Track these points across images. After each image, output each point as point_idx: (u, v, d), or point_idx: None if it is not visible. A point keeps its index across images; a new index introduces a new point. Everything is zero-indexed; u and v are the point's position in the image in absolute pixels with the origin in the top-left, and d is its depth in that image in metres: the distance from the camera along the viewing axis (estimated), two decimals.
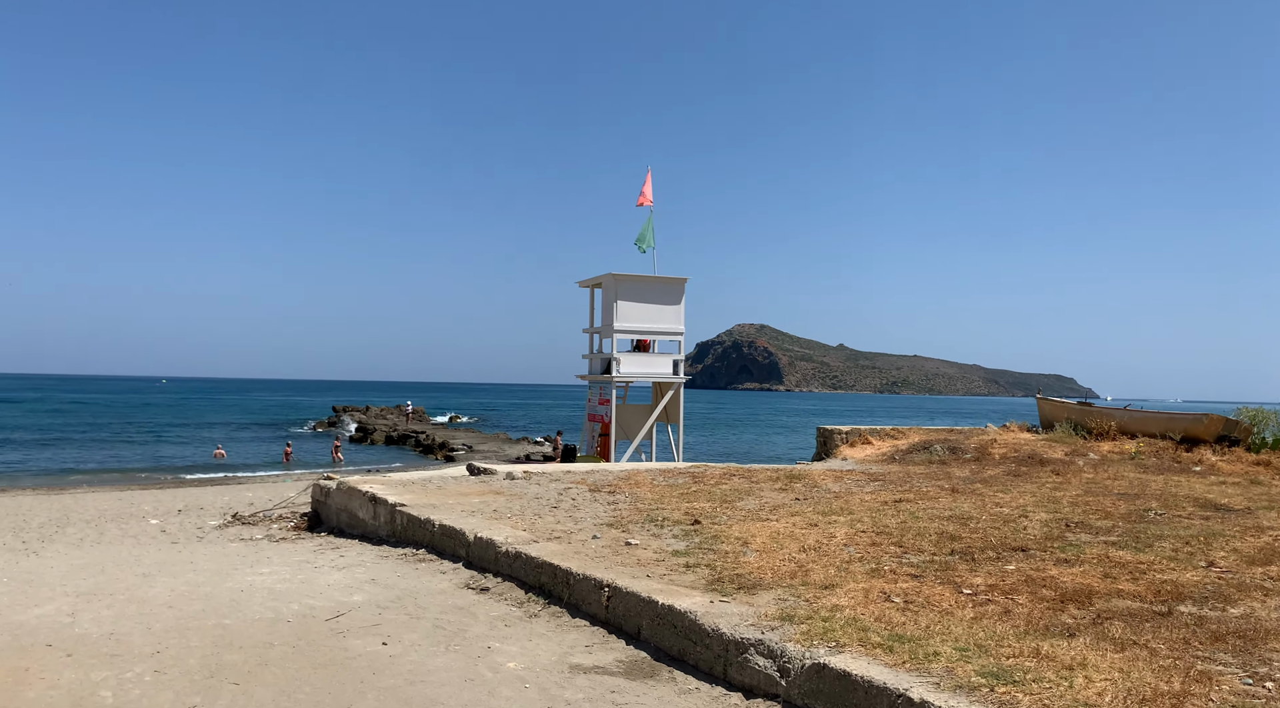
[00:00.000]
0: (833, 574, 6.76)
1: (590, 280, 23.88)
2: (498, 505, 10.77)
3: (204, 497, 22.26)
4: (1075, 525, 8.66)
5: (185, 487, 29.23)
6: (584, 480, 12.78)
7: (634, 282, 22.43)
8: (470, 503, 11.02)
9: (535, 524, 9.49)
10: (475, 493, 11.81)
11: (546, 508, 10.57)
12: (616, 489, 11.87)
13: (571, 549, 8.03)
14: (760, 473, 13.18)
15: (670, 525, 9.06)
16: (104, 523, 15.37)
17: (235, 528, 13.89)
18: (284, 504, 16.28)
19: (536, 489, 12.09)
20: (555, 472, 13.88)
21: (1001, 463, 14.51)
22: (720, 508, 10.20)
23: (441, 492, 11.97)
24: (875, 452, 16.42)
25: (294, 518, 14.50)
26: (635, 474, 13.26)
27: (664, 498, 11.03)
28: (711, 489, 11.73)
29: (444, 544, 9.50)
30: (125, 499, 22.12)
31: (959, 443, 15.91)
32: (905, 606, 5.76)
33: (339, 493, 13.03)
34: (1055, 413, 17.23)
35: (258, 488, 25.83)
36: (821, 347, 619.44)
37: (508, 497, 11.46)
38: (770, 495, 11.27)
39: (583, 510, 10.35)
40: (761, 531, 8.58)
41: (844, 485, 12.15)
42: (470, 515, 10.10)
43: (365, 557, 9.73)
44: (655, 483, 12.43)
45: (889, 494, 11.15)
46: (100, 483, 33.31)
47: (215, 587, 8.02)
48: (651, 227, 23.48)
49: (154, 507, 18.86)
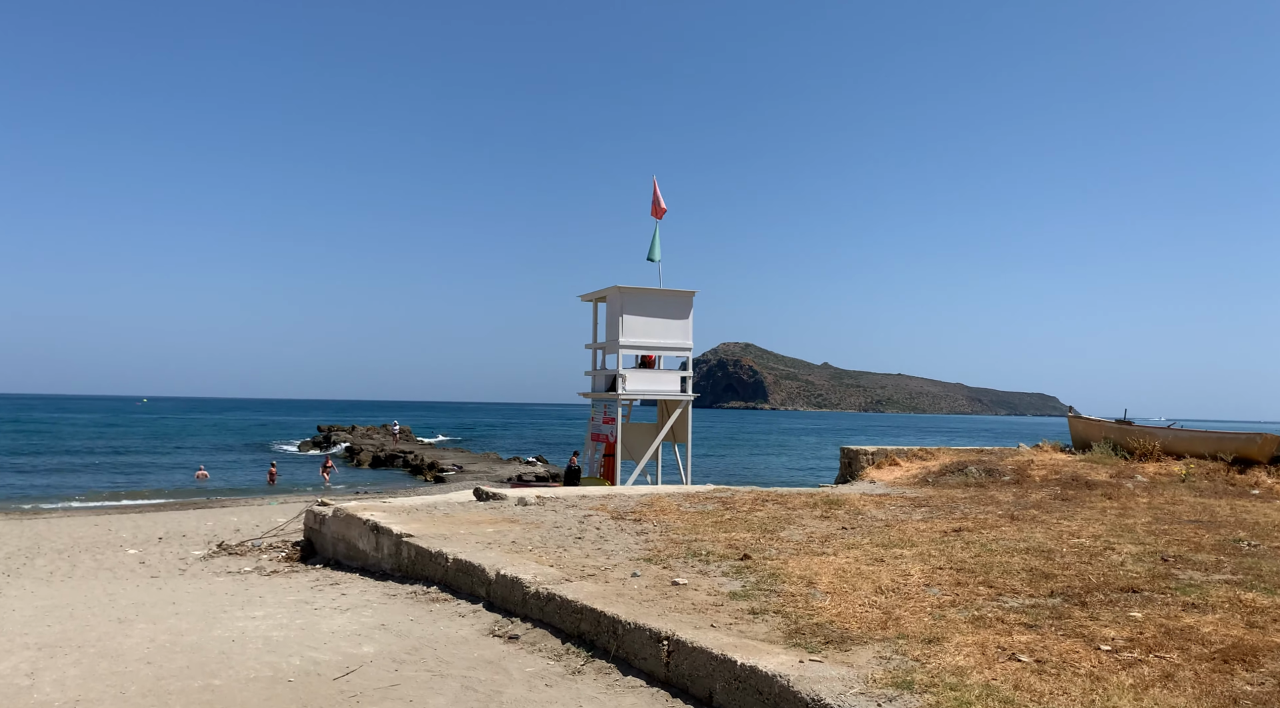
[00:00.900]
0: (929, 623, 5.79)
1: (593, 294, 22.91)
2: (515, 536, 9.76)
3: (186, 522, 21.05)
4: (1174, 560, 7.74)
5: (166, 511, 27.92)
6: (603, 506, 11.77)
7: (640, 295, 21.49)
8: (484, 533, 9.99)
9: (562, 558, 8.48)
10: (488, 521, 10.79)
11: (570, 539, 9.56)
12: (642, 517, 10.87)
13: (611, 590, 7.03)
14: (794, 498, 12.20)
15: (716, 561, 8.07)
16: (77, 553, 14.20)
17: (221, 559, 12.78)
18: (274, 532, 15.17)
19: (554, 517, 11.07)
20: (570, 497, 12.87)
21: (1044, 486, 13.61)
22: (764, 539, 9.22)
23: (450, 520, 10.94)
24: (904, 474, 15.49)
25: (285, 548, 13.40)
26: (658, 500, 12.26)
27: (697, 527, 10.04)
28: (746, 517, 10.75)
29: (460, 581, 8.47)
30: (102, 525, 20.88)
31: (993, 464, 15.02)
32: (1039, 667, 4.80)
33: (336, 521, 11.96)
34: (1090, 432, 16.38)
35: (243, 512, 24.61)
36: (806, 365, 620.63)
37: (524, 525, 10.44)
38: (813, 524, 10.30)
39: (611, 542, 9.34)
40: (823, 568, 7.60)
41: (889, 512, 11.20)
42: (487, 548, 9.07)
43: (370, 595, 8.68)
44: (682, 510, 11.44)
45: (943, 522, 10.20)
46: (76, 507, 31.93)
47: (202, 635, 6.96)
48: (658, 238, 22.59)
49: (132, 534, 17.66)
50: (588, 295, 23.38)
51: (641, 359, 22.49)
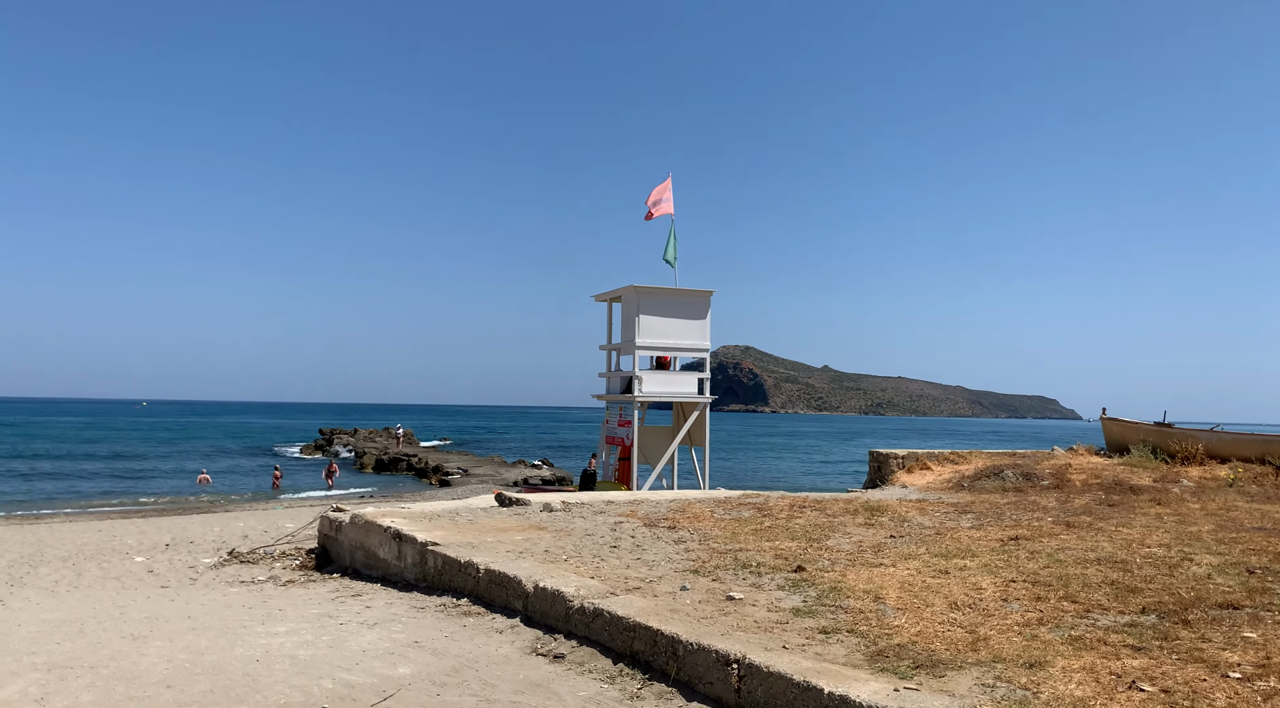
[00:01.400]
0: (1023, 644, 5.30)
1: (608, 294, 22.41)
2: (547, 544, 9.26)
3: (192, 528, 20.55)
4: (1262, 571, 7.24)
5: (170, 516, 27.41)
6: (633, 513, 11.28)
7: (657, 294, 20.99)
8: (513, 541, 9.50)
9: (601, 569, 7.99)
10: (515, 529, 10.29)
11: (605, 548, 9.07)
12: (676, 524, 10.38)
13: (663, 605, 6.54)
14: (832, 505, 11.71)
15: (768, 573, 7.58)
16: (83, 561, 13.69)
17: (233, 567, 12.29)
18: (285, 539, 14.67)
19: (583, 524, 10.58)
20: (596, 503, 12.38)
21: (1086, 491, 13.12)
22: (812, 549, 8.73)
23: (474, 527, 10.44)
24: (936, 478, 15.00)
25: (299, 555, 12.90)
26: (689, 506, 11.77)
27: (737, 536, 9.55)
28: (787, 525, 10.25)
29: (493, 594, 7.98)
30: (106, 531, 20.37)
31: (1029, 468, 14.52)
32: (1168, 698, 4.30)
33: (353, 528, 11.47)
34: (1127, 435, 15.89)
35: (249, 517, 24.10)
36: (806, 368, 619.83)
37: (554, 533, 9.95)
38: (858, 532, 9.81)
39: (650, 551, 8.85)
40: (886, 580, 7.11)
41: (935, 519, 10.71)
42: (519, 557, 8.58)
43: (397, 609, 8.19)
44: (717, 517, 10.95)
45: (996, 530, 9.71)
46: (78, 512, 31.41)
47: (223, 654, 6.46)
48: (674, 237, 22.10)
49: (138, 540, 17.16)
50: (602, 295, 22.88)
51: (657, 361, 22.00)
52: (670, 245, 21.97)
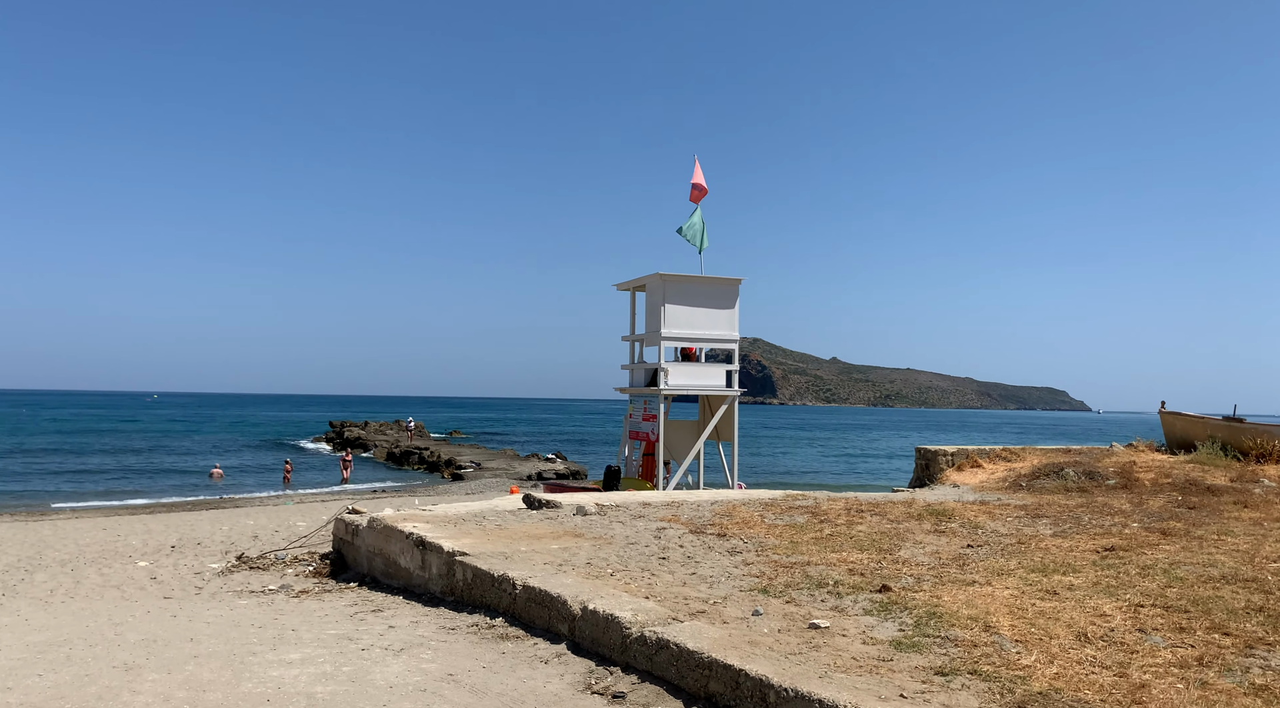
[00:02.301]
0: (1197, 696, 4.35)
1: (631, 282, 21.48)
2: (587, 554, 8.36)
3: (200, 526, 19.75)
4: None
5: (178, 512, 26.68)
6: (675, 517, 10.36)
7: (684, 283, 20.05)
8: (549, 550, 8.60)
9: (654, 586, 7.08)
10: (549, 535, 9.39)
11: (654, 560, 8.15)
12: (725, 531, 9.46)
13: (737, 635, 5.62)
14: (891, 508, 10.77)
15: (848, 593, 6.65)
16: (82, 566, 12.86)
17: (241, 574, 11.42)
18: (298, 542, 13.81)
19: (623, 530, 9.67)
20: (632, 505, 11.47)
21: (1159, 491, 12.14)
22: (886, 562, 7.80)
23: (504, 533, 9.54)
24: (989, 476, 14.04)
25: (312, 560, 12.03)
26: (735, 509, 10.85)
27: (797, 545, 8.62)
28: (849, 532, 9.31)
29: (533, 614, 7.08)
30: (111, 530, 19.59)
31: (1090, 466, 13.55)
32: None
33: (371, 533, 10.59)
34: (1193, 430, 14.90)
35: (259, 515, 23.30)
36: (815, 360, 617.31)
37: (593, 541, 9.04)
38: (931, 541, 8.87)
39: (704, 564, 7.93)
40: (988, 603, 6.17)
41: (1008, 525, 9.76)
42: (559, 571, 7.68)
43: (424, 629, 7.30)
44: (768, 522, 10.02)
45: (1085, 539, 8.75)
46: (86, 508, 30.73)
47: (228, 691, 5.58)
48: (700, 221, 21.11)
49: (143, 541, 16.34)
50: (624, 284, 21.95)
51: (681, 352, 21.08)
52: (699, 231, 20.96)
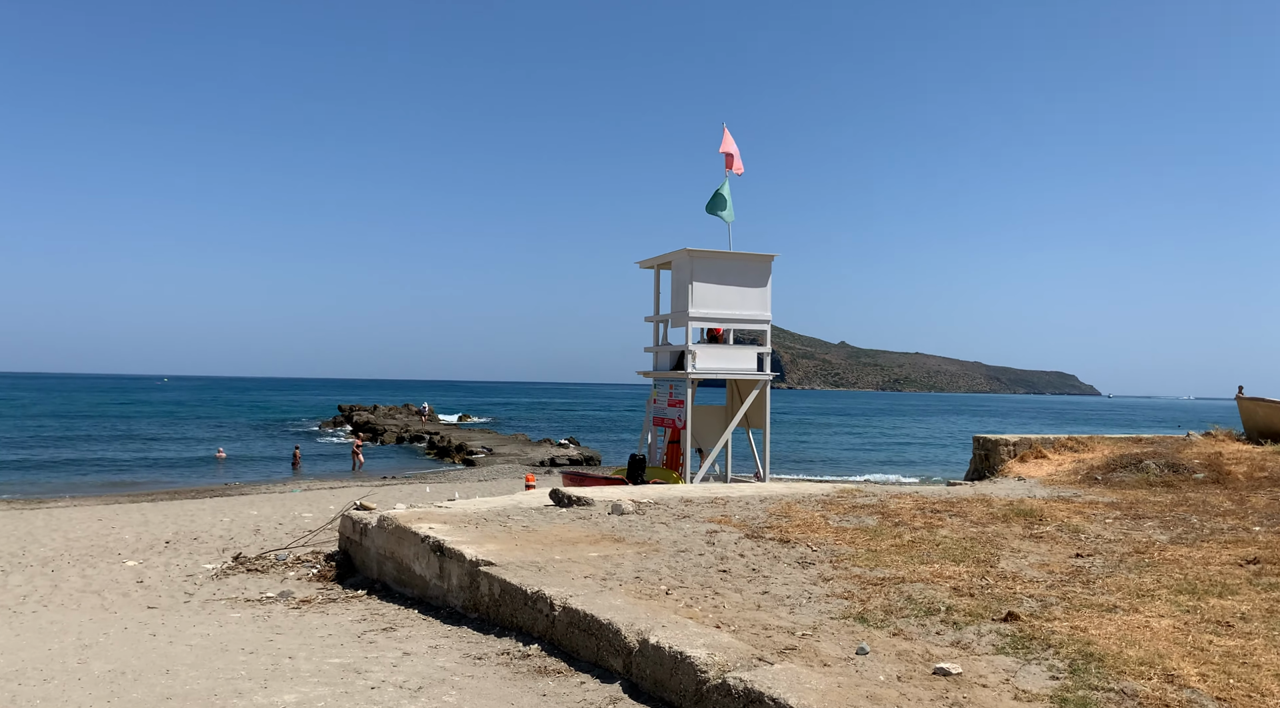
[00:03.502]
0: None
1: (655, 260, 20.20)
2: (633, 565, 7.16)
3: (200, 517, 18.65)
4: None
5: (180, 499, 25.61)
6: (724, 518, 9.15)
7: (713, 259, 18.76)
8: (587, 559, 7.41)
9: (722, 610, 5.87)
10: (584, 539, 8.19)
11: (712, 572, 6.95)
12: (786, 535, 8.24)
13: (847, 684, 4.40)
14: (969, 507, 9.54)
15: (965, 620, 5.43)
16: (65, 566, 11.75)
17: (238, 577, 10.28)
18: (301, 541, 12.68)
19: (668, 533, 8.46)
20: (671, 502, 10.26)
21: (1258, 486, 10.89)
22: (990, 577, 6.57)
23: (533, 537, 8.35)
24: (1057, 468, 12.80)
25: (315, 561, 10.89)
26: (790, 508, 9.63)
27: (876, 554, 7.41)
28: (930, 536, 8.09)
29: (576, 643, 5.88)
30: (106, 520, 18.51)
31: (1172, 458, 12.29)
32: None
33: (382, 533, 9.42)
34: (1278, 418, 13.62)
35: (263, 504, 22.22)
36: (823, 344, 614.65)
37: (636, 547, 7.84)
38: (1030, 548, 7.64)
39: (775, 579, 6.72)
40: (1151, 639, 4.94)
41: (1111, 529, 8.52)
42: (604, 587, 6.48)
43: (446, 658, 6.11)
44: (832, 524, 8.80)
45: (1215, 549, 7.51)
46: (86, 492, 29.71)
47: None
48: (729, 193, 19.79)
49: (137, 535, 15.23)
50: (647, 262, 20.67)
51: (708, 333, 19.84)
52: (727, 201, 19.67)
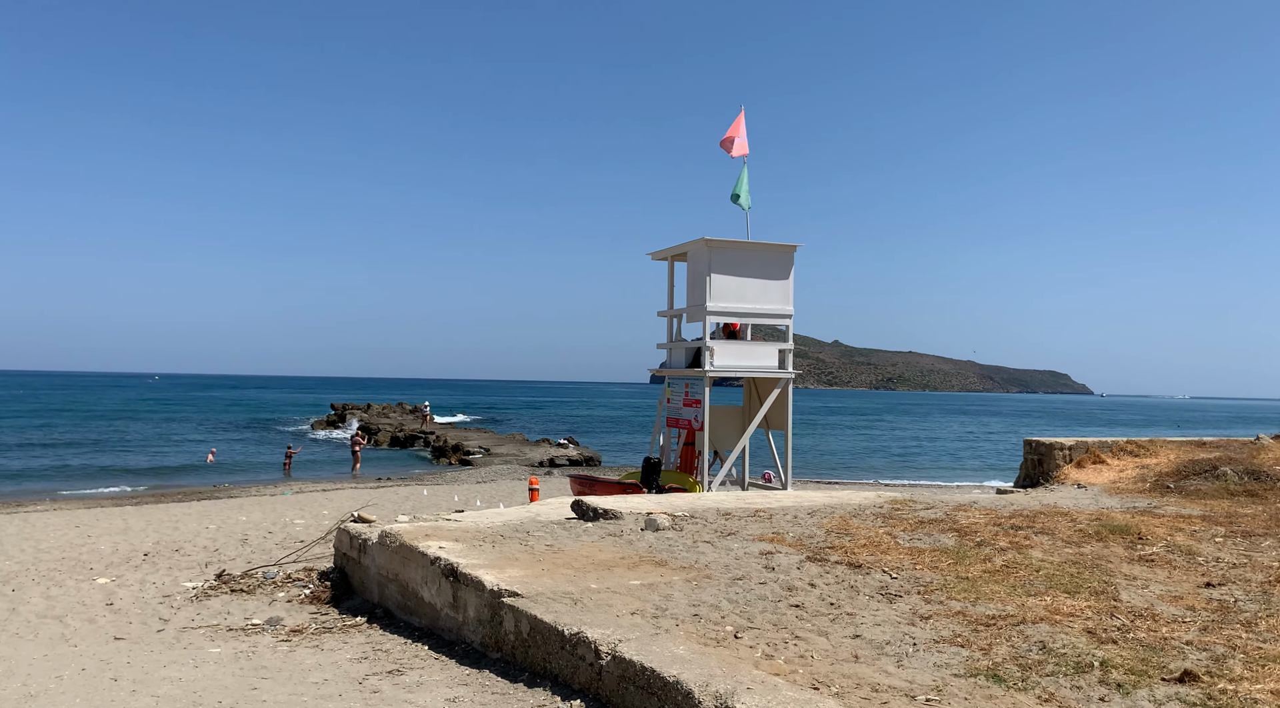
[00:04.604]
0: None
1: (669, 251, 19.07)
2: (686, 596, 6.03)
3: (184, 524, 17.47)
4: None
5: (166, 503, 24.39)
6: (776, 536, 8.02)
7: (732, 250, 17.63)
8: (629, 588, 6.28)
9: (811, 660, 4.75)
10: (620, 562, 7.06)
11: (782, 607, 5.82)
12: (854, 557, 7.12)
13: None
14: (1051, 521, 8.42)
15: (1126, 678, 4.32)
16: (29, 584, 10.57)
17: (220, 599, 9.12)
18: (291, 556, 11.52)
19: (715, 554, 7.33)
20: (708, 515, 9.14)
21: None
22: (1122, 614, 5.47)
23: (559, 558, 7.21)
24: (1118, 475, 11.72)
25: (308, 579, 9.73)
26: (846, 523, 8.51)
27: (971, 582, 6.29)
28: (1023, 559, 6.98)
29: (633, 703, 4.74)
30: (84, 527, 17.32)
31: (1248, 464, 11.21)
32: None
33: (384, 552, 8.28)
34: None
35: (252, 509, 21.03)
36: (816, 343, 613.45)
37: (683, 573, 6.71)
38: (1146, 575, 6.54)
39: (860, 615, 5.59)
40: None
41: (1224, 549, 7.42)
42: (657, 628, 5.35)
43: None
44: (901, 541, 7.69)
45: None
46: (68, 496, 28.44)
47: None
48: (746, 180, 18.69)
49: (113, 545, 14.05)
50: (660, 253, 19.54)
51: (725, 328, 18.73)
52: (742, 186, 18.56)
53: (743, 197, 18.56)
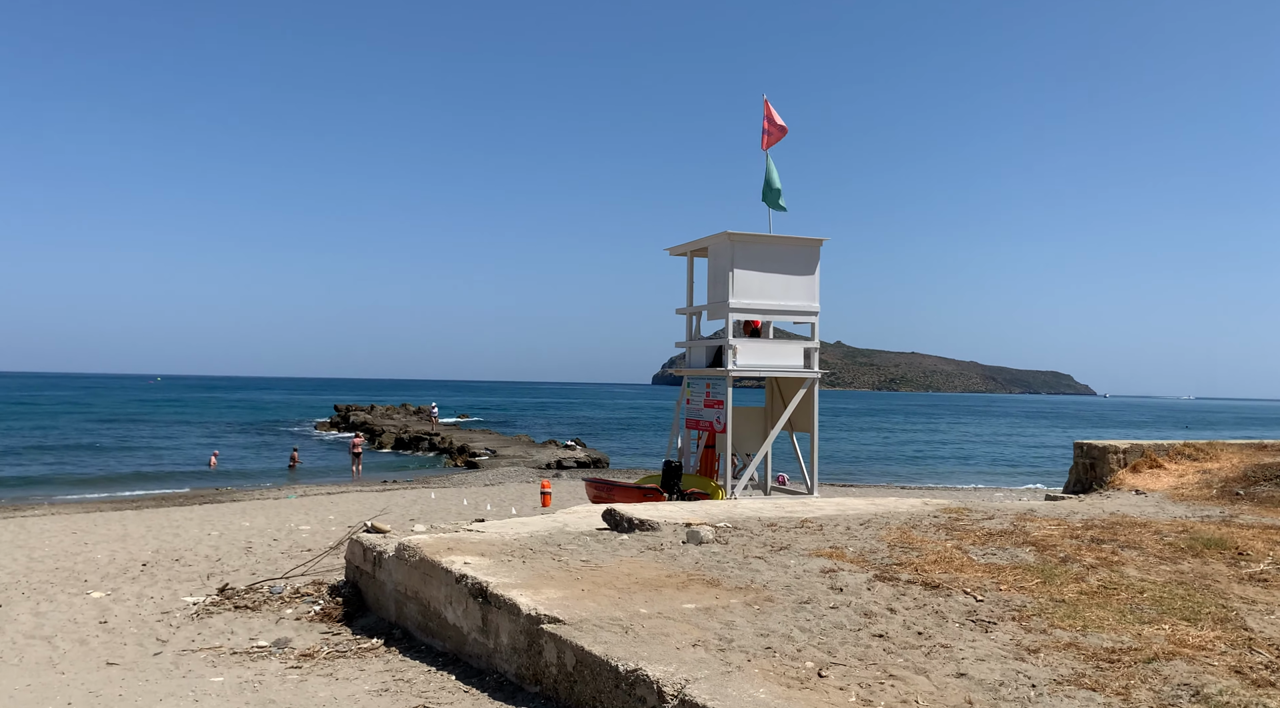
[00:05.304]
0: None
1: (689, 245, 18.36)
2: (750, 623, 5.33)
3: (185, 530, 16.78)
4: None
5: (167, 507, 23.72)
6: (834, 551, 7.31)
7: (756, 244, 16.93)
8: (683, 612, 5.57)
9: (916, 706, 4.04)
10: (667, 581, 6.34)
11: (863, 636, 5.11)
12: (927, 575, 6.41)
13: None
14: (1134, 534, 7.70)
15: None
16: (18, 598, 9.87)
17: (222, 617, 8.42)
18: (300, 567, 10.82)
19: (770, 572, 6.62)
20: (752, 526, 8.42)
21: None
22: (1263, 647, 4.75)
23: (599, 576, 6.50)
24: (1181, 481, 11.00)
25: (318, 594, 9.02)
26: (907, 535, 7.80)
27: (1071, 605, 5.58)
28: (1118, 579, 6.26)
29: None
30: (82, 533, 16.63)
31: None
32: None
33: (402, 566, 7.57)
34: None
35: (256, 513, 20.34)
36: None
37: (739, 595, 5.99)
38: (1262, 597, 5.83)
39: (956, 647, 4.88)
40: None
41: None
42: (727, 665, 4.65)
43: None
44: (975, 557, 6.97)
45: None
46: (68, 501, 27.75)
47: None
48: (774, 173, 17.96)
49: (110, 554, 13.35)
50: (679, 248, 18.82)
51: (745, 327, 18.01)
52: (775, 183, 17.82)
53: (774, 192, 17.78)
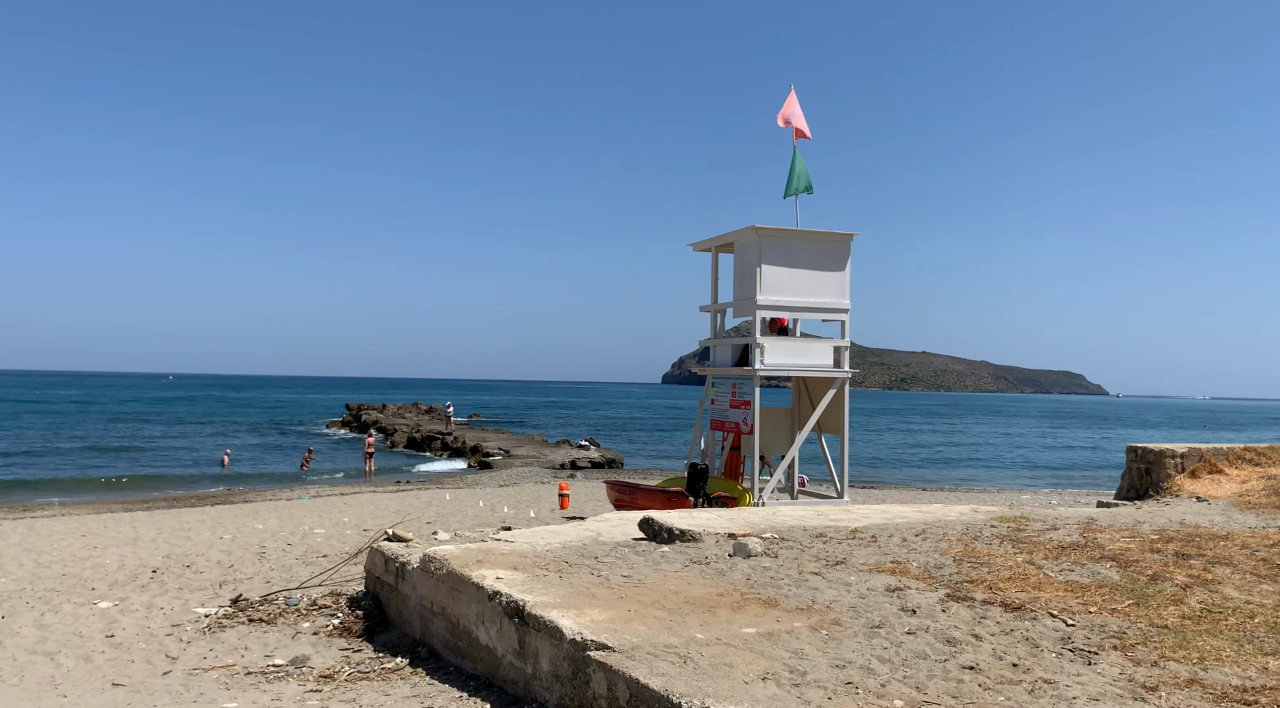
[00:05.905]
0: None
1: (714, 241, 17.82)
2: (820, 651, 4.79)
3: (197, 534, 16.33)
4: None
5: (178, 508, 23.30)
6: (897, 566, 6.76)
7: (785, 239, 16.38)
8: (743, 638, 5.03)
9: None
10: (719, 600, 5.80)
11: (952, 668, 4.56)
12: (1002, 594, 5.85)
13: None
14: (1220, 548, 7.13)
15: None
16: (21, 607, 9.41)
17: (236, 631, 7.92)
18: (318, 577, 10.32)
19: (830, 590, 6.07)
20: (801, 537, 7.87)
21: None
22: None
23: (644, 592, 5.97)
24: (1245, 487, 10.41)
25: (336, 606, 8.52)
26: (971, 548, 7.24)
27: (1179, 633, 5.02)
28: (1218, 599, 5.70)
29: None
30: (92, 535, 16.22)
31: None
32: None
33: (427, 580, 7.05)
34: None
35: (269, 514, 19.90)
36: None
37: (802, 617, 5.45)
38: None
39: (1058, 682, 4.32)
40: None
41: None
42: (805, 703, 4.10)
43: None
44: (1052, 575, 6.41)
45: None
46: (79, 500, 27.39)
47: None
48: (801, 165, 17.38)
49: (120, 559, 12.90)
50: (703, 244, 18.28)
51: (771, 324, 17.44)
52: (797, 175, 17.24)
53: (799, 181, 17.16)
